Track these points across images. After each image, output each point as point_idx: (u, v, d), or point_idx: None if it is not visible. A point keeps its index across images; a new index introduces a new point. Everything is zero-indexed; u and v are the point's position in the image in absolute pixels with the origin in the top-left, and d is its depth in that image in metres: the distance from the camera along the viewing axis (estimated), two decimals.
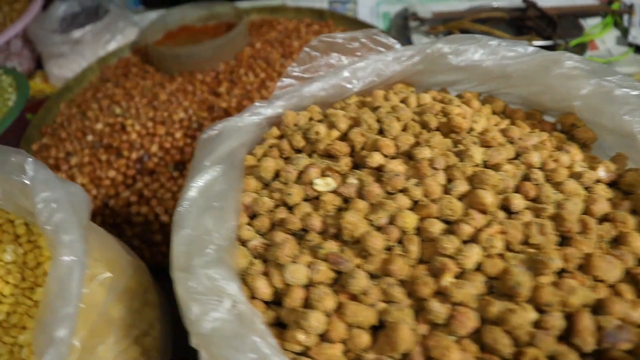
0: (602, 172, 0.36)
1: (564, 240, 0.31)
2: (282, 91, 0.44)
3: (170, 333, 0.44)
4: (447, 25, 0.89)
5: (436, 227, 0.31)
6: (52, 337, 0.27)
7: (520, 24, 0.90)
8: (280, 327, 0.30)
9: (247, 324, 0.27)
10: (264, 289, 0.31)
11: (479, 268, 0.29)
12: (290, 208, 0.36)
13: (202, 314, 0.27)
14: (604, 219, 0.33)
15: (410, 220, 0.32)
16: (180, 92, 0.83)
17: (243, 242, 0.35)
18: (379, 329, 0.28)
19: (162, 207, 0.62)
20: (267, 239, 0.35)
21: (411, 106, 0.44)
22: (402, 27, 0.99)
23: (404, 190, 0.34)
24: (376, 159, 0.36)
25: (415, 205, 0.33)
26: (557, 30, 0.85)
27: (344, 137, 0.40)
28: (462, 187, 0.34)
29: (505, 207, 0.33)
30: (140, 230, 0.61)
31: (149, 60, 0.95)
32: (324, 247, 0.32)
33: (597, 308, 0.27)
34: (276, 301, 0.32)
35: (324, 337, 0.29)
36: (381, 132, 0.39)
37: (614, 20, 0.94)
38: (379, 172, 0.36)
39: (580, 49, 0.87)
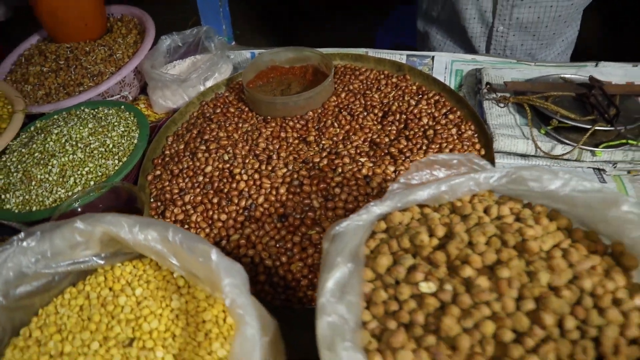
0: (638, 301, 0.47)
1: (601, 357, 0.43)
2: (392, 194, 0.57)
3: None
4: (518, 98, 0.99)
5: (508, 336, 0.44)
6: None
7: (586, 101, 0.98)
8: None
9: None
10: None
11: None
12: (400, 303, 0.48)
13: None
14: (633, 341, 0.44)
15: (490, 328, 0.44)
16: (275, 138, 0.97)
17: (364, 323, 0.48)
18: None
19: (267, 252, 0.75)
20: (381, 323, 0.48)
21: (492, 216, 0.55)
22: (474, 89, 1.09)
23: (487, 303, 0.46)
24: (467, 272, 0.48)
25: (494, 315, 0.45)
26: (614, 112, 0.94)
27: (443, 245, 0.52)
28: (530, 305, 0.45)
29: (560, 325, 0.45)
30: (248, 270, 0.75)
31: (242, 98, 1.08)
32: (425, 340, 0.45)
33: None
34: None
35: None
36: (470, 243, 0.51)
37: None
38: (467, 281, 0.48)
39: (639, 130, 0.95)
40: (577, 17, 1.33)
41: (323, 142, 0.95)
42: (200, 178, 0.89)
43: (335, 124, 0.99)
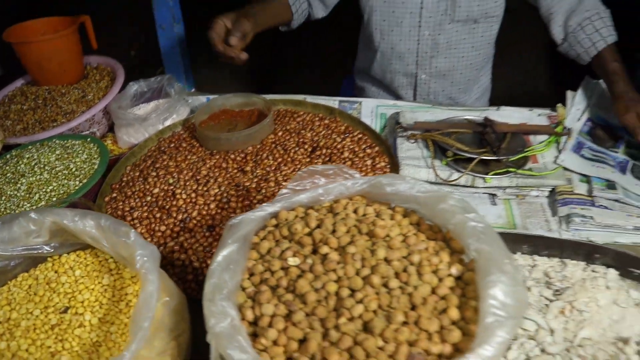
0: (453, 270, 0.62)
1: (414, 307, 0.58)
2: (281, 197, 0.73)
3: (191, 338, 0.72)
4: (423, 135, 1.18)
5: (345, 292, 0.59)
6: (140, 326, 0.55)
7: (481, 137, 1.17)
8: (254, 336, 0.57)
9: (237, 331, 0.54)
10: (250, 315, 0.58)
11: (360, 316, 0.56)
12: (272, 272, 0.63)
13: (215, 324, 0.55)
14: (443, 297, 0.59)
15: (333, 288, 0.59)
16: (217, 168, 1.13)
17: (243, 289, 0.62)
18: (304, 341, 0.55)
19: (196, 256, 0.90)
20: (257, 288, 0.62)
21: (359, 214, 0.71)
22: (392, 129, 1.28)
23: (334, 270, 0.61)
24: (325, 249, 0.64)
25: (338, 279, 0.60)
26: (505, 147, 1.12)
27: (312, 232, 0.67)
28: (366, 272, 0.61)
29: (388, 284, 0.60)
30: (179, 270, 0.89)
31: (195, 136, 1.25)
32: (283, 296, 0.59)
33: (413, 342, 0.53)
34: (255, 322, 0.59)
35: (275, 343, 0.55)
36: (334, 231, 0.67)
37: (556, 140, 1.20)
38: (324, 257, 0.63)
39: (523, 161, 1.14)
40: (487, 66, 1.55)
41: (257, 171, 1.11)
42: (149, 198, 1.04)
43: (270, 157, 1.16)
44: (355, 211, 0.72)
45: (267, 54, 3.55)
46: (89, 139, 1.16)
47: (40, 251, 0.72)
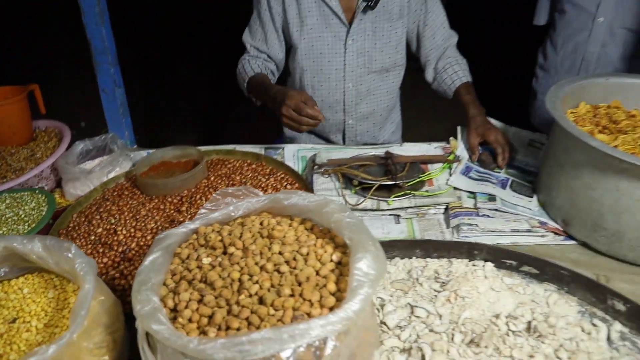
0: (334, 257, 0.79)
1: (300, 284, 0.74)
2: (201, 215, 0.89)
3: (127, 336, 0.84)
4: (334, 169, 1.37)
5: (245, 277, 0.74)
6: (78, 314, 0.68)
7: (385, 168, 1.37)
8: (174, 320, 0.72)
9: (158, 311, 0.68)
10: (170, 303, 0.73)
11: (256, 293, 0.72)
12: (189, 270, 0.78)
13: (141, 308, 0.69)
14: (324, 277, 0.76)
15: (236, 275, 0.75)
16: (155, 209, 1.27)
17: (166, 285, 0.77)
18: (211, 317, 0.70)
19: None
20: (177, 284, 0.77)
21: (264, 225, 0.88)
22: (310, 168, 1.47)
23: (238, 263, 0.77)
24: (231, 249, 0.79)
25: (241, 269, 0.76)
26: (405, 174, 1.33)
27: (223, 239, 0.83)
28: (263, 262, 0.77)
29: (279, 269, 0.76)
30: (119, 294, 1.02)
31: (136, 185, 1.40)
32: (197, 286, 0.74)
33: (297, 308, 0.69)
34: (174, 309, 0.73)
35: (190, 320, 0.70)
36: (241, 236, 0.83)
37: (449, 167, 1.42)
38: (231, 255, 0.79)
39: (421, 185, 1.34)
40: (397, 106, 1.85)
41: (192, 210, 1.27)
42: (92, 237, 1.17)
43: (203, 198, 1.31)
44: (261, 223, 0.89)
45: (204, 109, 4.07)
46: (37, 190, 1.29)
47: None
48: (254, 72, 1.61)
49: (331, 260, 0.79)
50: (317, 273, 0.76)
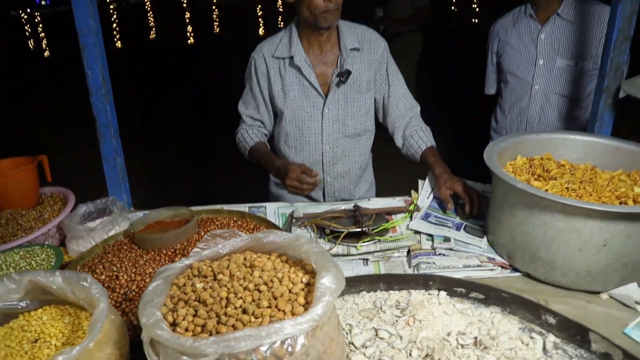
0: (304, 279, 0.96)
1: (276, 299, 0.91)
2: (194, 253, 1.06)
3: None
4: (310, 221, 1.56)
5: (231, 295, 0.91)
6: (94, 326, 0.84)
7: (354, 219, 1.56)
8: (173, 330, 0.87)
9: (161, 322, 0.84)
10: (170, 318, 0.89)
11: (240, 306, 0.88)
12: (185, 293, 0.95)
13: (146, 320, 0.85)
14: (296, 293, 0.93)
15: (224, 294, 0.92)
16: (152, 260, 1.44)
17: (166, 305, 0.93)
18: (204, 326, 0.86)
19: (135, 316, 1.18)
20: (175, 304, 0.93)
21: (247, 259, 1.05)
22: (289, 222, 1.65)
23: (225, 285, 0.94)
24: (220, 276, 0.97)
25: (228, 290, 0.93)
26: (371, 223, 1.52)
27: (213, 269, 1.01)
28: (246, 283, 0.94)
29: (259, 289, 0.93)
30: None
31: (134, 242, 1.57)
32: (192, 305, 0.91)
33: (273, 316, 0.86)
34: (173, 323, 0.89)
35: (186, 330, 0.86)
36: (228, 267, 1.00)
37: (410, 215, 1.62)
38: (220, 280, 0.96)
39: (385, 231, 1.53)
40: (370, 166, 2.09)
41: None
42: None
43: None
44: (244, 258, 1.07)
45: (194, 174, 4.56)
46: (45, 245, 1.45)
47: (15, 307, 1.00)
48: (253, 141, 1.93)
49: (301, 282, 0.97)
50: (290, 291, 0.94)
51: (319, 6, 1.66)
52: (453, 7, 7.58)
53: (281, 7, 9.31)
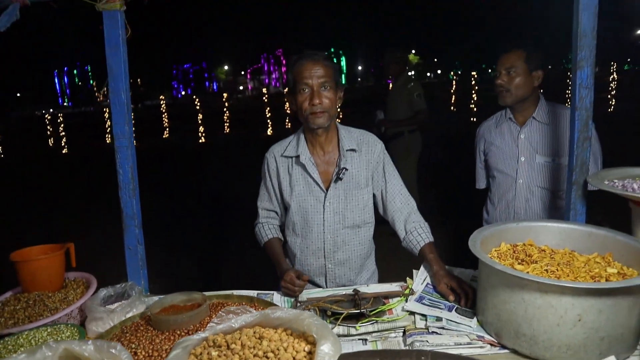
0: (306, 348, 1.09)
1: None
2: (209, 328, 1.20)
3: None
4: (313, 304, 1.69)
5: None
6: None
7: (354, 302, 1.69)
8: None
9: None
10: None
11: None
12: None
13: None
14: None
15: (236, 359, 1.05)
16: (167, 340, 1.56)
17: None
18: None
19: None
20: None
21: (257, 331, 1.19)
22: (294, 306, 1.78)
23: (237, 353, 1.07)
24: (232, 346, 1.10)
25: (240, 357, 1.06)
26: (369, 306, 1.64)
27: (227, 341, 1.14)
28: (255, 351, 1.07)
29: (267, 356, 1.06)
30: None
31: (150, 324, 1.69)
32: None
33: None
34: None
35: None
36: (240, 339, 1.14)
37: (405, 298, 1.75)
38: (233, 349, 1.09)
39: (382, 313, 1.65)
40: (371, 256, 2.24)
41: None
42: None
43: None
44: (254, 331, 1.20)
45: (207, 262, 4.97)
46: (69, 324, 1.58)
47: None
48: (267, 237, 2.19)
49: (304, 350, 1.10)
50: (294, 358, 1.07)
51: (306, 109, 1.96)
52: (452, 108, 8.10)
53: (289, 109, 9.94)
